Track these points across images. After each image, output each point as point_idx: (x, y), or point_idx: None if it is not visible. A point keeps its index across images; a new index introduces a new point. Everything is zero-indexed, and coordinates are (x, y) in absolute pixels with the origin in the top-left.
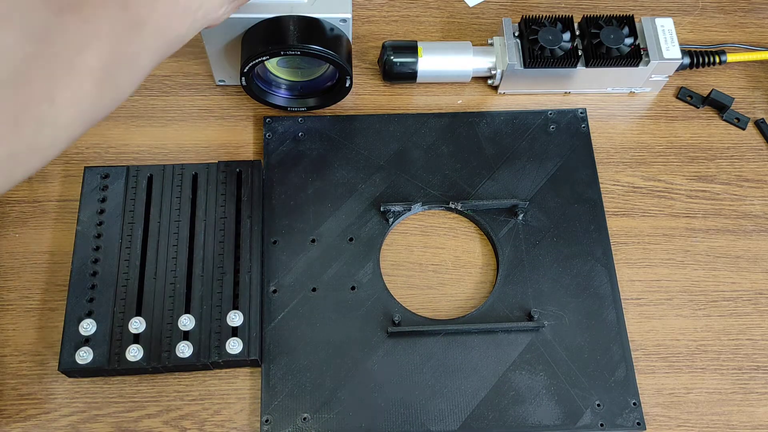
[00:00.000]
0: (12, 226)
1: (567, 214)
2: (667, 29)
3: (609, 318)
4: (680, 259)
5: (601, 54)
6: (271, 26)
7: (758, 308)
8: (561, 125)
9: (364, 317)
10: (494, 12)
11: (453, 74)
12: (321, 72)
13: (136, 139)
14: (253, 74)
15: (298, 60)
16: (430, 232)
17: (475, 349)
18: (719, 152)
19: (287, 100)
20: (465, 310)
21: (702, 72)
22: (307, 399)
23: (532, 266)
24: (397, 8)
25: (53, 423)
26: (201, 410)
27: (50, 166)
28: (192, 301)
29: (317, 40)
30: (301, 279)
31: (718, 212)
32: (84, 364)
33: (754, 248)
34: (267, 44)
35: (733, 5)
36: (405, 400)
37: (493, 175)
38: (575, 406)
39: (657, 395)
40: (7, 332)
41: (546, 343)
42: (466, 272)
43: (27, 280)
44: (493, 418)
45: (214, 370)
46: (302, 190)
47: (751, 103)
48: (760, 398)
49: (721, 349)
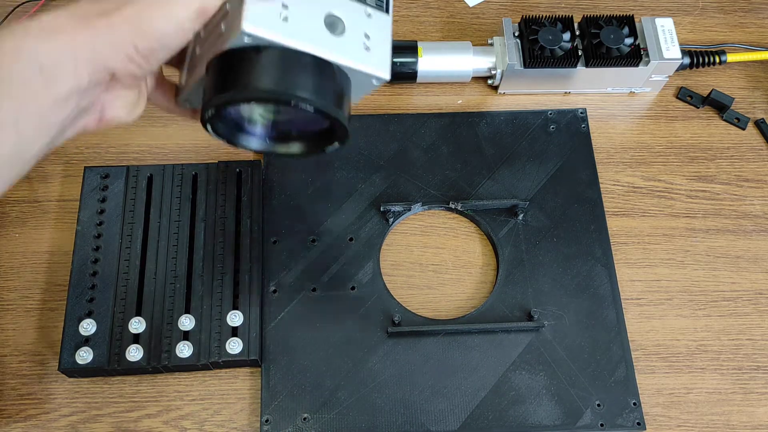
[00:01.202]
0: (12, 226)
1: (567, 214)
2: (667, 29)
3: (609, 318)
4: (680, 259)
5: (601, 54)
6: (260, 58)
7: (758, 308)
8: (561, 125)
9: (364, 317)
10: (494, 12)
11: (453, 74)
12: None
13: (136, 139)
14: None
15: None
16: (430, 232)
17: (475, 349)
18: (719, 152)
19: (262, 142)
20: (465, 310)
21: (702, 72)
22: (307, 399)
23: (532, 266)
24: (397, 8)
25: (53, 423)
26: (201, 410)
27: (50, 166)
28: (192, 301)
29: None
30: (301, 279)
31: (718, 212)
32: (84, 364)
33: (754, 248)
34: (243, 82)
35: (733, 5)
36: (405, 400)
37: (493, 175)
38: (575, 406)
39: (657, 395)
40: (7, 332)
41: (546, 343)
42: (466, 272)
43: (27, 280)
44: (493, 418)
45: (214, 370)
46: (302, 190)
47: (751, 103)
48: (760, 398)
49: (721, 349)
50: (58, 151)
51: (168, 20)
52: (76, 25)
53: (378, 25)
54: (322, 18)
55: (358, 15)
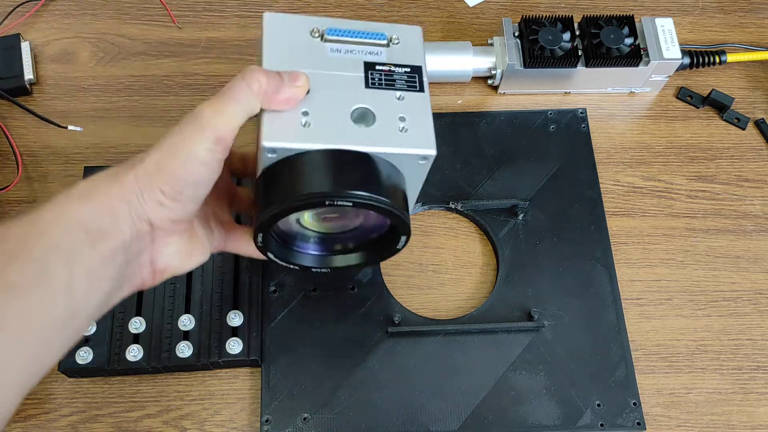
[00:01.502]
0: None
1: (567, 214)
2: (667, 29)
3: (609, 318)
4: (680, 259)
5: (601, 54)
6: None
7: (758, 308)
8: (561, 125)
9: (364, 317)
10: (494, 12)
11: (453, 74)
12: (357, 221)
13: (136, 139)
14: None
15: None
16: (430, 232)
17: (475, 349)
18: (719, 152)
19: (318, 259)
20: (465, 310)
21: (702, 72)
22: (307, 399)
23: (532, 266)
24: (397, 8)
25: (53, 423)
26: (201, 410)
27: (50, 165)
28: (192, 301)
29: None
30: (301, 279)
31: (718, 212)
32: (84, 364)
33: (754, 248)
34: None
35: (733, 5)
36: (405, 400)
37: (493, 175)
38: (575, 406)
39: (657, 395)
40: None
41: (546, 343)
42: (466, 272)
43: None
44: (493, 418)
45: (214, 370)
46: None
47: (751, 103)
48: (760, 398)
49: (721, 349)
50: (57, 151)
51: (186, 158)
52: (110, 183)
53: (413, 105)
54: (349, 114)
55: (388, 101)
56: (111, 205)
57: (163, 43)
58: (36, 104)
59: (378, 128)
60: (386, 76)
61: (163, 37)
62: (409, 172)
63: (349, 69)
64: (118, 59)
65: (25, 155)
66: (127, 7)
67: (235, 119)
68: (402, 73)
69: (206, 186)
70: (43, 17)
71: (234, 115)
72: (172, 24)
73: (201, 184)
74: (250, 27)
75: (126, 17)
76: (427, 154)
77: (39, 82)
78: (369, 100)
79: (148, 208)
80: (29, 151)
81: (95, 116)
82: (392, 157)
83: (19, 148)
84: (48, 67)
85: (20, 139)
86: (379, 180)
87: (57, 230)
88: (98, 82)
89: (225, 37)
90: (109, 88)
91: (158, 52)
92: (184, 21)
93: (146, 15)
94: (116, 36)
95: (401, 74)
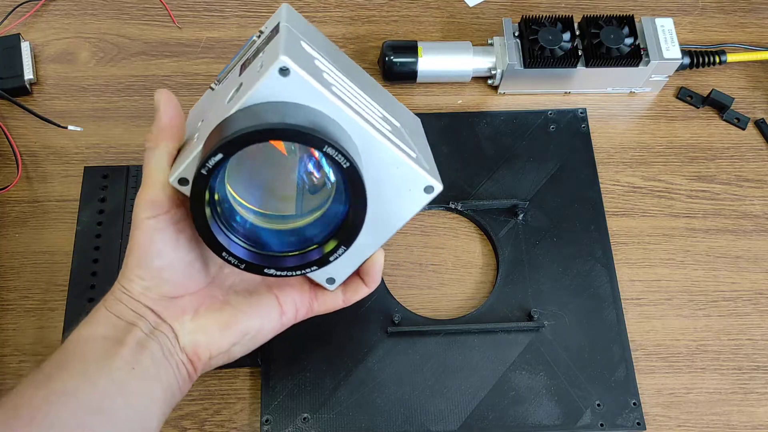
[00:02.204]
0: (12, 226)
1: (567, 214)
2: (667, 29)
3: (609, 318)
4: (680, 259)
5: (601, 54)
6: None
7: (758, 308)
8: (561, 125)
9: (364, 317)
10: (494, 12)
11: (453, 74)
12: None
13: (136, 139)
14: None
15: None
16: (430, 232)
17: (475, 349)
18: (719, 152)
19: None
20: (465, 310)
21: (702, 72)
22: (307, 399)
23: (532, 266)
24: (397, 8)
25: None
26: (201, 410)
27: (50, 166)
28: None
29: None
30: None
31: (718, 212)
32: None
33: (754, 248)
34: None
35: (733, 5)
36: (405, 400)
37: (493, 175)
38: (575, 406)
39: (657, 395)
40: (7, 332)
41: (546, 343)
42: (466, 272)
43: (27, 280)
44: (493, 418)
45: (214, 370)
46: None
47: (751, 103)
48: (760, 398)
49: (721, 349)
50: (57, 150)
51: (140, 234)
52: (103, 300)
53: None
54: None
55: (253, 69)
56: (110, 309)
57: (163, 43)
58: (36, 104)
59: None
60: (253, 53)
61: (163, 37)
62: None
63: (234, 84)
64: (118, 59)
65: (25, 155)
66: (127, 7)
67: (158, 174)
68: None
69: (174, 254)
70: (43, 17)
71: (155, 172)
72: (172, 24)
73: (164, 253)
74: (250, 27)
75: (126, 17)
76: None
77: (39, 82)
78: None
79: (139, 296)
80: (29, 151)
81: (95, 116)
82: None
83: (19, 148)
84: (48, 67)
85: (20, 139)
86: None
87: (88, 343)
88: (98, 82)
89: (225, 37)
90: (109, 88)
91: (158, 52)
92: (184, 21)
93: (146, 15)
94: (116, 36)
95: (263, 43)
